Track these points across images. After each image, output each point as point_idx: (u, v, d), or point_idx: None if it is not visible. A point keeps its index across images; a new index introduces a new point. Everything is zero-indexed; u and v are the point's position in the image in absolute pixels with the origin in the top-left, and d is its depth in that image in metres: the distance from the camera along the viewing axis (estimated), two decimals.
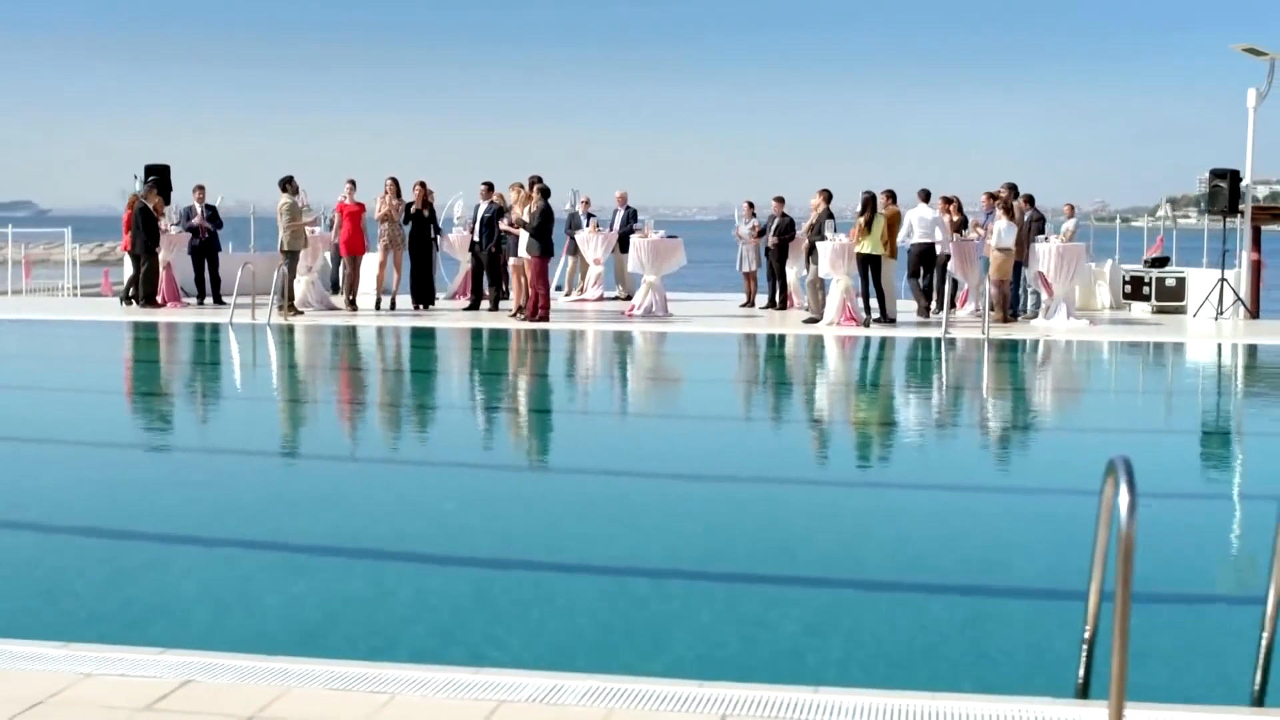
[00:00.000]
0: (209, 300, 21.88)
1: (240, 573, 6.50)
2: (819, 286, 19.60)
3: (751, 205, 23.46)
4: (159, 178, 22.86)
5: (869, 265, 19.06)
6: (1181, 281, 21.95)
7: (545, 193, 19.34)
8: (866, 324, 19.00)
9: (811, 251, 19.49)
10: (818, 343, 17.83)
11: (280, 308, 19.36)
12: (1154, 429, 11.88)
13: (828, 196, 19.69)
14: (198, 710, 4.37)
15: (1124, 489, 3.79)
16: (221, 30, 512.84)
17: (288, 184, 20.24)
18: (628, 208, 24.46)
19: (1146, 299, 22.07)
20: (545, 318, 19.15)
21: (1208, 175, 22.02)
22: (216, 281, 22.13)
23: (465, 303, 22.02)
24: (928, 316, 20.06)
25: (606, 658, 5.17)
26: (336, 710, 4.38)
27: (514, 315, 19.91)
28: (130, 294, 21.69)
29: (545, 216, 19.14)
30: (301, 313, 20.16)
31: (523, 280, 20.05)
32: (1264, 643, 4.60)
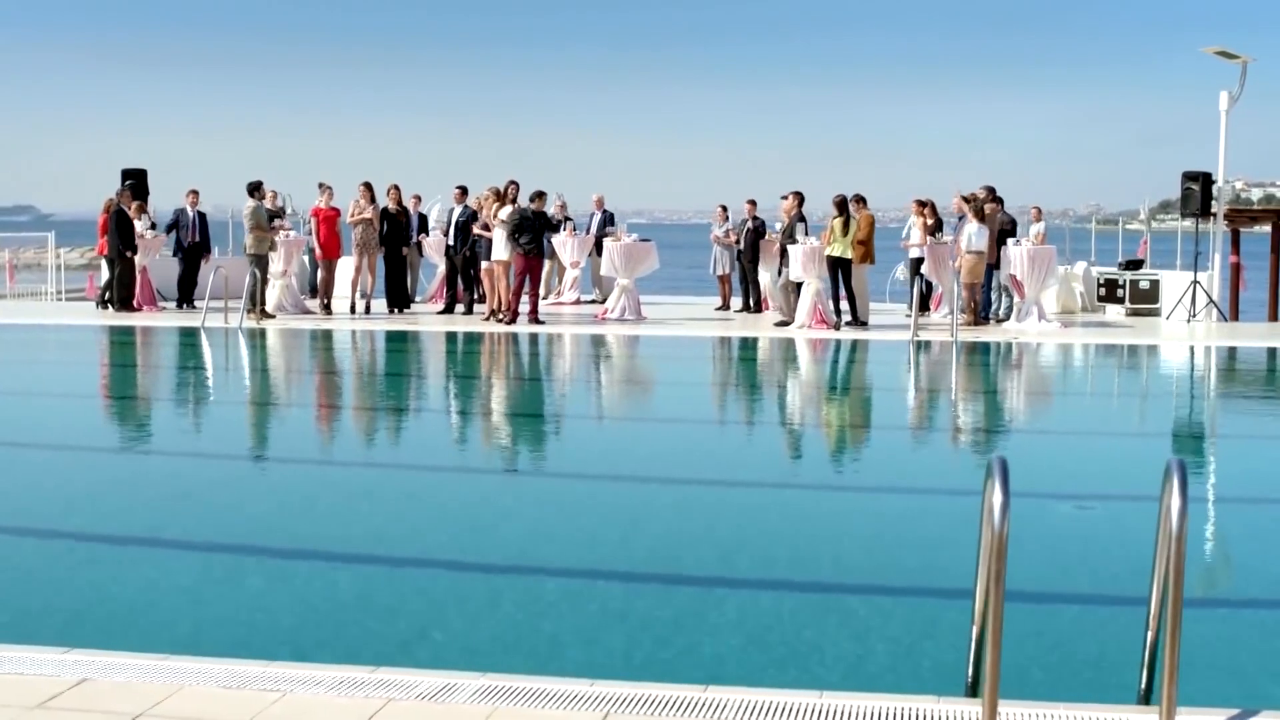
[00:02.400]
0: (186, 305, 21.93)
1: (160, 574, 6.54)
2: (790, 289, 19.63)
3: (725, 209, 23.50)
4: (134, 181, 22.92)
5: (839, 268, 19.09)
6: (1155, 284, 22.00)
7: (515, 198, 19.41)
8: (837, 327, 19.04)
9: (783, 254, 19.54)
10: (788, 345, 17.87)
11: (250, 311, 19.38)
12: (1118, 431, 11.94)
13: (800, 199, 19.74)
14: (89, 708, 4.41)
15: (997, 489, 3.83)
16: (215, 32, 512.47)
17: (256, 189, 20.30)
18: (604, 211, 24.50)
19: (1121, 301, 22.12)
20: (513, 320, 19.19)
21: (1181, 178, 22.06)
22: (194, 286, 22.21)
23: (438, 306, 22.09)
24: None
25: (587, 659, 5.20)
26: (227, 707, 4.41)
27: (488, 318, 19.95)
28: (106, 298, 21.73)
29: (523, 217, 19.19)
30: (273, 316, 20.19)
31: (496, 284, 20.17)
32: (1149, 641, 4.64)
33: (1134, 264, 22.96)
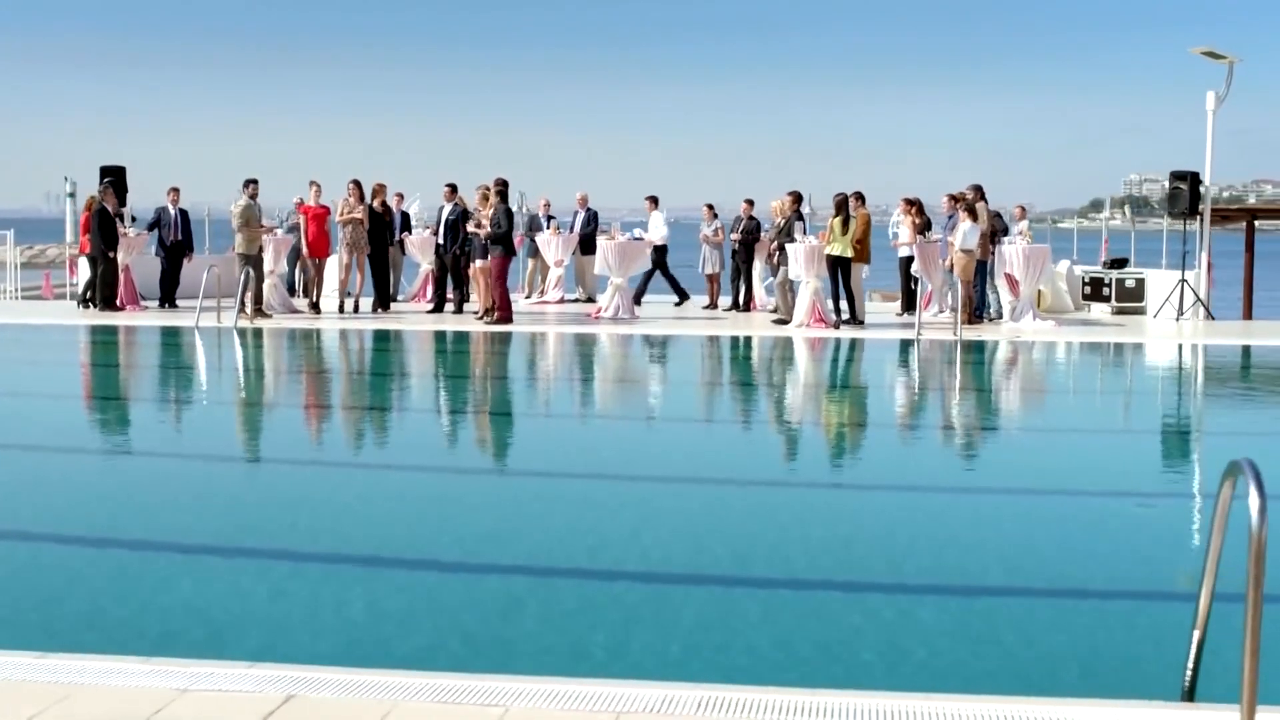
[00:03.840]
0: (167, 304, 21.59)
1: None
2: (788, 288, 19.62)
3: (712, 207, 23.47)
4: (114, 179, 22.51)
5: (839, 267, 19.11)
6: (1141, 283, 22.20)
7: (503, 194, 19.25)
8: (836, 325, 19.06)
9: (780, 253, 19.51)
10: (796, 345, 17.82)
11: (243, 311, 19.10)
12: (1145, 429, 12.03)
13: (797, 198, 19.74)
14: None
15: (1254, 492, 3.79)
16: (159, 28, 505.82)
17: (248, 186, 20.02)
18: (588, 210, 24.39)
19: (1106, 300, 22.30)
20: (507, 319, 19.05)
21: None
22: (176, 285, 21.89)
23: (426, 305, 21.90)
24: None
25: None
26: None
27: (480, 318, 19.79)
28: (88, 297, 21.33)
29: (506, 217, 19.03)
30: (269, 315, 19.92)
31: (481, 282, 20.05)
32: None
33: (1118, 262, 23.17)
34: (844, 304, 19.56)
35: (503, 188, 19.30)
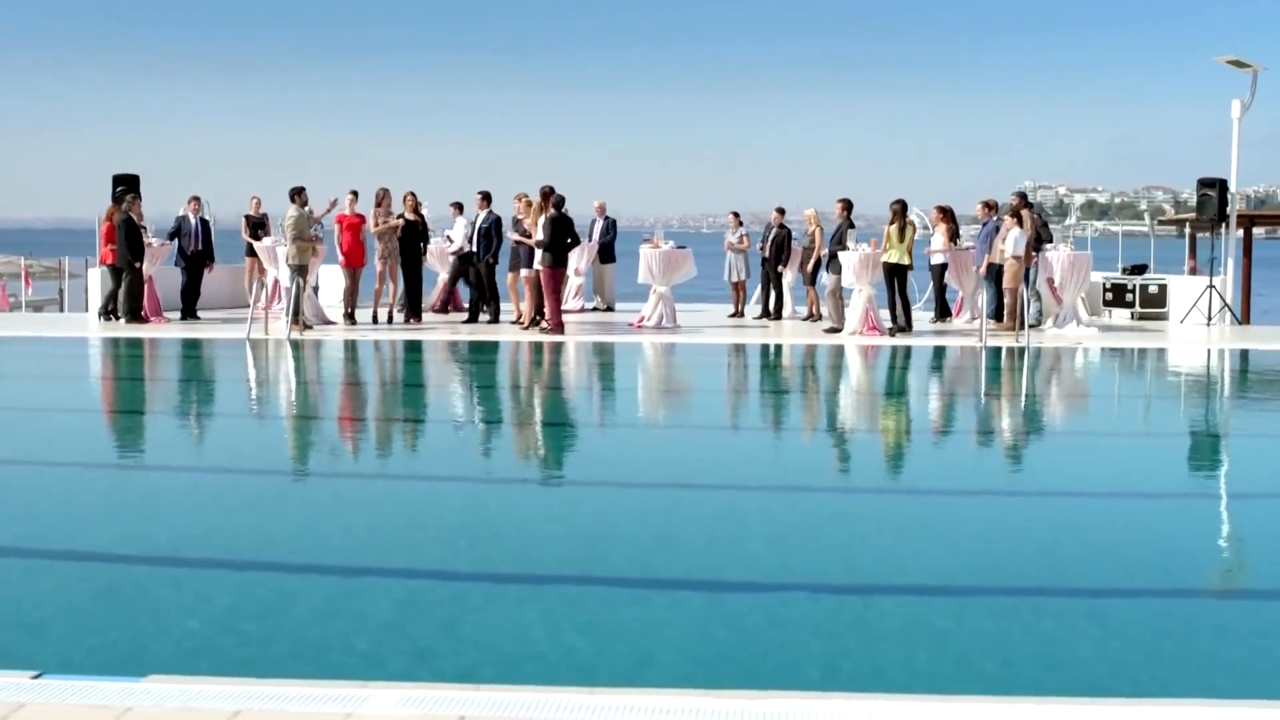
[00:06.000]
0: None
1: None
2: (839, 296, 19.60)
3: (737, 215, 23.40)
4: (126, 188, 21.83)
5: (895, 274, 19.13)
6: (1164, 289, 22.55)
7: (558, 203, 18.99)
8: (892, 333, 19.07)
9: (833, 260, 19.46)
10: (864, 353, 17.66)
11: (296, 322, 18.62)
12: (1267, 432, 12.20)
13: (848, 206, 19.73)
14: None
15: None
16: (159, 29, 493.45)
17: (297, 195, 19.50)
18: (606, 218, 24.19)
19: (1129, 306, 22.61)
20: (559, 329, 18.79)
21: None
22: (197, 296, 21.36)
23: (445, 315, 21.57)
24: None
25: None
26: None
27: (526, 328, 19.51)
28: (110, 309, 20.64)
29: (556, 226, 18.78)
30: (310, 327, 19.42)
31: (527, 292, 19.81)
32: None
33: (1138, 269, 23.51)
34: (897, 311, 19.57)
35: (559, 197, 19.05)
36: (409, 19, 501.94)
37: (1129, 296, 22.65)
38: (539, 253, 19.00)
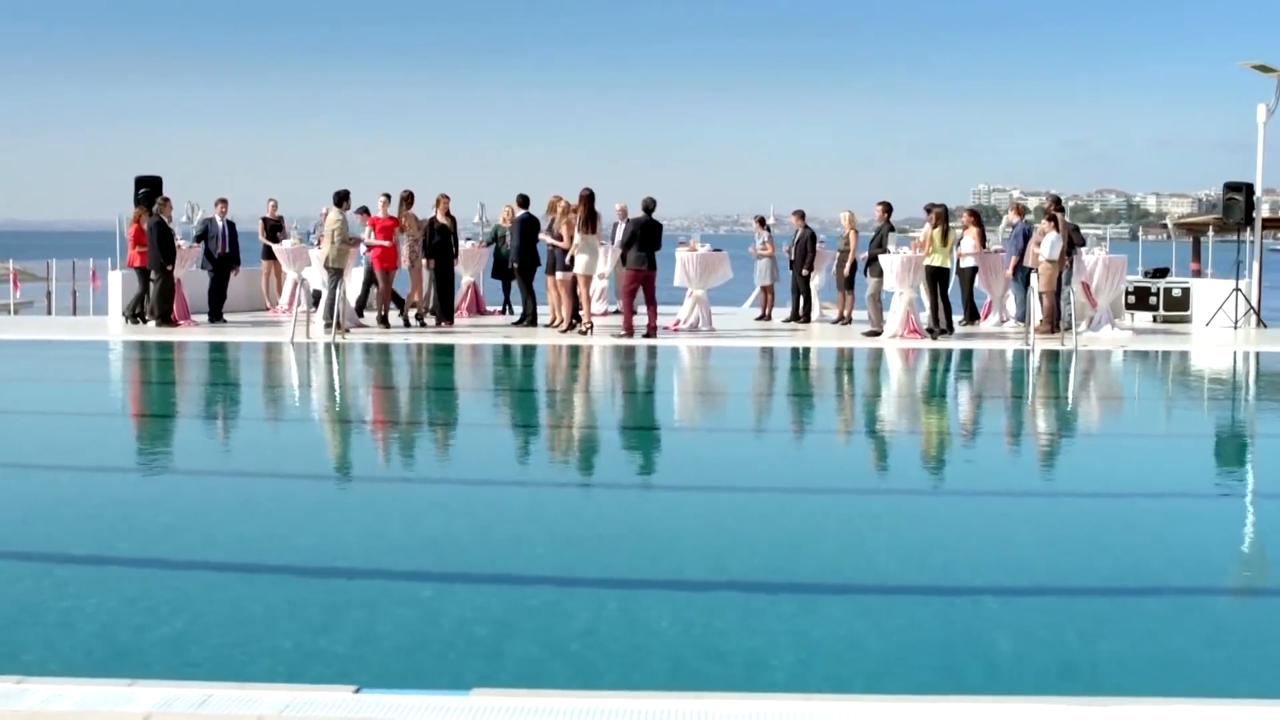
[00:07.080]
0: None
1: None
2: (878, 299, 19.63)
3: (762, 220, 23.39)
4: (149, 189, 21.56)
5: (937, 278, 19.18)
6: (1187, 292, 22.74)
7: (648, 206, 19.15)
8: (934, 336, 19.12)
9: (871, 263, 19.49)
10: (913, 356, 17.64)
11: (337, 326, 18.45)
12: None
13: (888, 209, 19.76)
14: None
15: None
16: (160, 30, 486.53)
17: (344, 200, 19.35)
18: (628, 220, 24.07)
19: (1152, 309, 22.78)
20: (652, 333, 18.97)
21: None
22: (224, 299, 21.15)
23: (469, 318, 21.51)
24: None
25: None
26: None
27: (563, 330, 19.46)
28: (137, 312, 20.36)
29: (641, 228, 18.86)
30: (349, 330, 19.23)
31: (563, 295, 19.77)
32: None
33: (1160, 272, 23.70)
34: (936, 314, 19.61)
35: (592, 198, 19.03)
36: (423, 20, 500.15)
37: (1153, 299, 22.83)
38: (577, 258, 19.06)
